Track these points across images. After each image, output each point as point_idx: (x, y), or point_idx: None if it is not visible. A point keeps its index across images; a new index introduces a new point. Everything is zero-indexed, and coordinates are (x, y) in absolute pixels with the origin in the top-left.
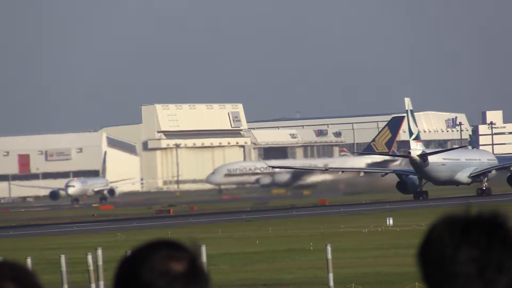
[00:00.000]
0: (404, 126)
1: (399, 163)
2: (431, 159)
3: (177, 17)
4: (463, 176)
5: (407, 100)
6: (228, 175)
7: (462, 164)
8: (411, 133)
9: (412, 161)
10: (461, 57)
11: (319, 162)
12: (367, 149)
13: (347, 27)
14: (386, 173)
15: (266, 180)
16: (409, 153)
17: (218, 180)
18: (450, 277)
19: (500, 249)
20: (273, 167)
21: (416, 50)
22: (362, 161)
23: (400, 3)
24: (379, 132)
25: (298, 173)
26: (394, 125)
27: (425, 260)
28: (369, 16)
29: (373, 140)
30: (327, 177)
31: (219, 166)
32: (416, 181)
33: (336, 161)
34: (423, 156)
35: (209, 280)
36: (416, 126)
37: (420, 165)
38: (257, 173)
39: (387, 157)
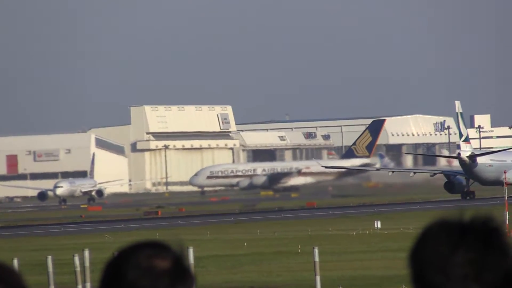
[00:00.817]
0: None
1: (378, 166)
2: (479, 160)
3: (167, 18)
4: (509, 176)
5: (457, 103)
6: (211, 177)
7: (508, 165)
8: (461, 135)
9: (461, 162)
10: (449, 60)
11: (298, 164)
12: (348, 153)
13: (337, 29)
14: (435, 174)
15: (245, 182)
16: (459, 154)
17: (201, 182)
18: (447, 279)
19: (496, 252)
20: (327, 167)
21: (405, 53)
22: (343, 163)
23: (392, 5)
24: (360, 136)
25: (275, 175)
26: (375, 128)
27: (420, 262)
28: (360, 18)
29: (354, 143)
30: (308, 179)
31: (202, 168)
32: (463, 181)
33: (321, 163)
34: (472, 157)
35: (193, 279)
36: (466, 128)
37: (469, 166)
38: (238, 176)
39: (366, 161)
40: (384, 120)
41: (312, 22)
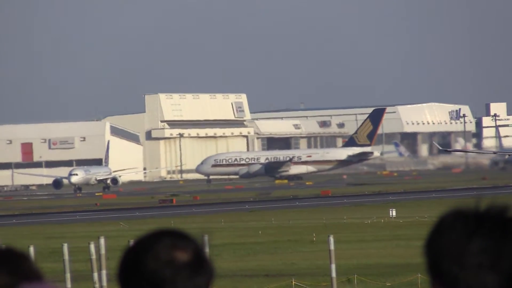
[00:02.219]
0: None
1: (376, 155)
2: None
3: (181, 7)
4: None
5: None
6: (215, 165)
7: None
8: None
9: None
10: (465, 48)
11: (300, 152)
12: (350, 141)
13: (351, 19)
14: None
15: (243, 171)
16: None
17: (206, 170)
18: (462, 267)
19: None
20: (446, 150)
21: (420, 42)
22: (344, 152)
23: None
24: (361, 125)
25: (271, 164)
26: (375, 117)
27: (435, 251)
28: (374, 7)
29: (355, 132)
30: (309, 168)
31: (208, 156)
32: None
33: (319, 152)
34: None
35: (213, 270)
36: None
37: None
38: (242, 164)
39: (365, 149)
40: (384, 109)
41: (327, 13)
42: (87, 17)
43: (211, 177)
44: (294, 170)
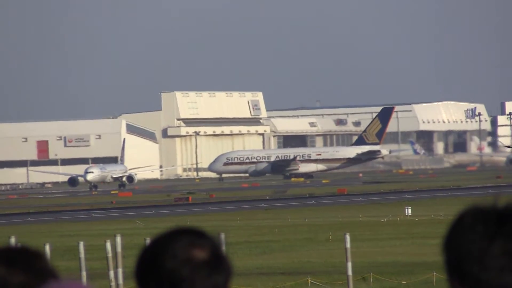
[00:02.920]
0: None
1: (385, 153)
2: None
3: (199, 6)
4: None
5: None
6: (227, 163)
7: None
8: None
9: None
10: (480, 47)
11: (310, 151)
12: (359, 140)
13: (368, 18)
14: None
15: (252, 169)
16: None
17: (218, 168)
18: (484, 269)
19: None
20: (509, 146)
21: (436, 41)
22: (354, 151)
23: None
24: (370, 123)
25: (278, 162)
26: (384, 116)
27: (456, 251)
28: (390, 6)
29: (365, 130)
30: (319, 166)
31: (220, 154)
32: None
33: (329, 150)
34: None
35: (231, 268)
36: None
37: None
38: (253, 162)
39: (375, 147)
40: (393, 108)
41: (344, 11)
42: (104, 15)
43: (223, 175)
44: (304, 168)
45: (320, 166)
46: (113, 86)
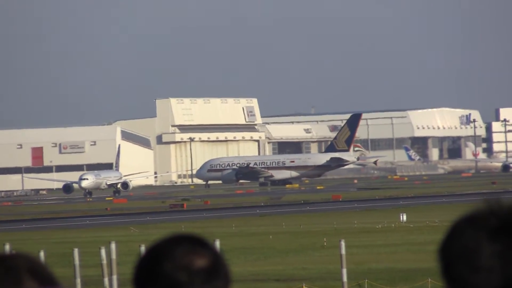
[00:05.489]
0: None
1: (353, 160)
2: None
3: (192, 12)
4: None
5: None
6: (210, 170)
7: None
8: None
9: None
10: (475, 54)
11: (284, 158)
12: (330, 147)
13: (361, 23)
14: None
15: (225, 176)
16: None
17: (203, 175)
18: (473, 271)
19: None
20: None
21: (430, 47)
22: (324, 158)
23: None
24: (340, 130)
25: (242, 169)
26: (353, 123)
27: (448, 256)
28: (383, 11)
29: (335, 137)
30: (293, 173)
31: (205, 161)
32: None
33: (302, 157)
34: None
35: (230, 276)
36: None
37: None
38: (234, 169)
39: (345, 154)
40: (360, 114)
41: (337, 18)
42: (98, 21)
43: (209, 182)
44: (279, 175)
45: (294, 173)
46: (108, 93)
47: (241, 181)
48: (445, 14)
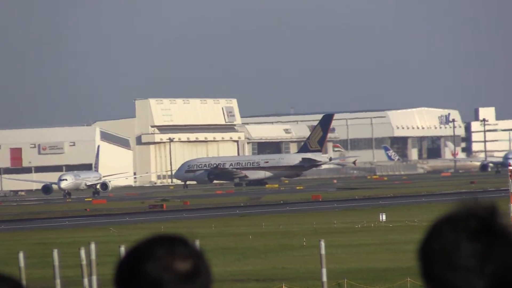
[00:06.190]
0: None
1: (325, 160)
2: None
3: (172, 12)
4: None
5: None
6: (188, 171)
7: None
8: None
9: None
10: (454, 53)
11: (259, 158)
12: (303, 147)
13: (342, 22)
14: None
15: (202, 176)
16: None
17: (181, 175)
18: (452, 270)
19: (500, 243)
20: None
21: (410, 47)
22: (298, 158)
23: (396, 1)
24: (313, 131)
25: (213, 170)
26: (324, 123)
27: (427, 256)
28: (364, 12)
29: (308, 138)
30: (267, 174)
31: (183, 162)
32: None
33: (275, 158)
34: None
35: (212, 276)
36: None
37: None
38: (206, 170)
39: (317, 155)
40: (332, 115)
41: (317, 17)
42: (78, 21)
43: (188, 182)
44: (253, 175)
45: (268, 173)
46: (87, 94)
47: (215, 181)
48: (425, 14)
